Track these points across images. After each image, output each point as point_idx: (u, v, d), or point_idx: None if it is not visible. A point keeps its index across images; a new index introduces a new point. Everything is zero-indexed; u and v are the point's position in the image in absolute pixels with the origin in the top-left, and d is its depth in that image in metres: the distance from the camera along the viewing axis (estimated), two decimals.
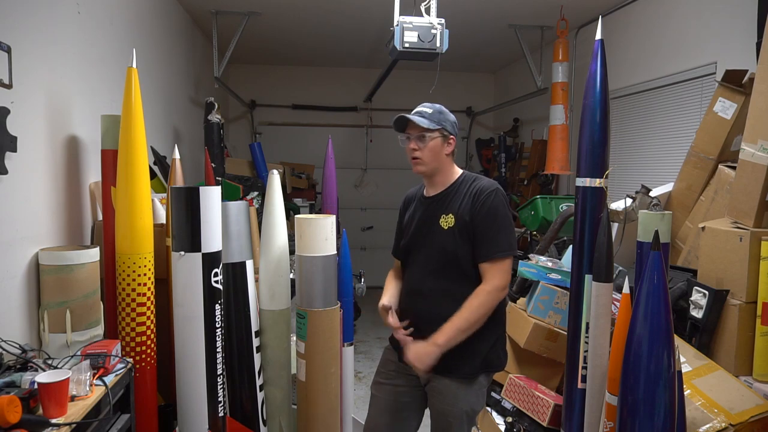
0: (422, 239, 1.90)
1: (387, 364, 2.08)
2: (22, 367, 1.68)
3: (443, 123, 1.87)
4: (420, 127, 1.84)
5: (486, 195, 1.80)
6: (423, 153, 1.86)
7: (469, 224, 1.81)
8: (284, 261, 2.24)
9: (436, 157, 1.87)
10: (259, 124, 6.92)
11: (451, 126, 1.89)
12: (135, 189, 2.04)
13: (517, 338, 2.82)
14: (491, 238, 1.78)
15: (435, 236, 1.86)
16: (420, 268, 1.93)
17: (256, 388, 2.20)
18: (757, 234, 2.15)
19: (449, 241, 1.83)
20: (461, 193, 1.85)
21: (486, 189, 1.82)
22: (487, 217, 1.78)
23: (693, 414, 1.94)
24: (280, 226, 2.23)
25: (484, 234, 1.79)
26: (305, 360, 2.08)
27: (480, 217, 1.79)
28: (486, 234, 1.78)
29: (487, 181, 1.88)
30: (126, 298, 2.03)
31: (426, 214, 1.92)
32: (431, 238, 1.87)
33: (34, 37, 2.05)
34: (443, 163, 1.90)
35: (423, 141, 1.85)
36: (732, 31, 3.09)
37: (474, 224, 1.80)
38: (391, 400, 2.03)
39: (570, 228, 2.58)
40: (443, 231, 1.84)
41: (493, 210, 1.78)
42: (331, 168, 2.87)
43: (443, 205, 1.87)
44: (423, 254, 1.92)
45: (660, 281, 1.59)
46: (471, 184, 1.87)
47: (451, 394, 1.88)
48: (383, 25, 4.43)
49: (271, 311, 2.24)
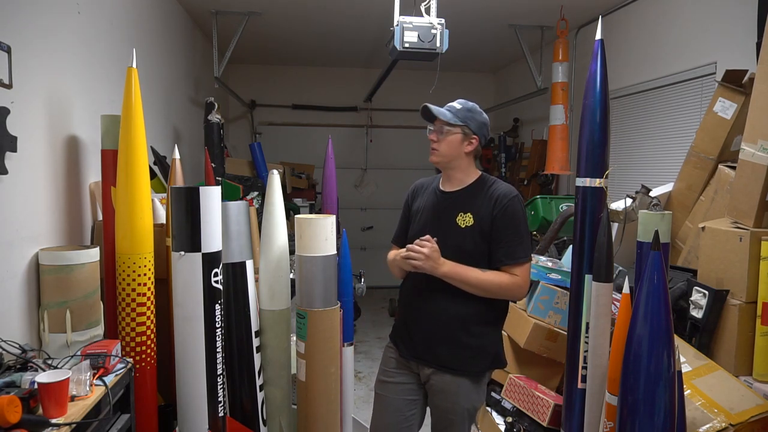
0: (435, 233, 1.88)
1: (388, 362, 2.08)
2: (22, 367, 1.68)
3: (468, 121, 1.88)
4: (441, 119, 1.87)
5: (509, 201, 1.83)
6: (440, 145, 1.88)
7: (489, 227, 1.82)
8: (284, 261, 2.24)
9: (453, 152, 1.88)
10: (259, 124, 6.92)
11: (477, 126, 1.89)
12: (135, 189, 2.04)
13: (517, 338, 2.82)
14: (516, 244, 1.81)
15: (450, 233, 1.86)
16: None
17: (256, 388, 2.20)
18: (757, 234, 2.15)
19: (467, 240, 1.84)
20: (480, 194, 1.87)
21: (508, 195, 1.84)
22: (511, 224, 1.81)
23: (693, 414, 1.94)
24: (280, 226, 2.23)
25: (508, 240, 1.81)
26: (305, 360, 2.08)
27: (502, 223, 1.81)
28: (511, 240, 1.81)
29: (506, 185, 1.90)
30: (126, 298, 2.03)
31: (441, 208, 1.92)
32: (446, 233, 1.87)
33: (34, 37, 2.05)
34: (461, 159, 1.90)
35: (442, 133, 1.88)
36: (732, 31, 3.09)
37: (495, 228, 1.82)
38: (397, 399, 2.03)
39: (570, 228, 2.58)
40: (460, 229, 1.84)
41: (516, 217, 1.82)
42: (331, 168, 2.87)
43: (461, 203, 1.88)
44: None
45: (660, 281, 1.59)
46: (490, 186, 1.88)
47: (453, 392, 1.89)
48: (383, 25, 4.42)
49: (271, 311, 2.24)
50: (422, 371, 1.96)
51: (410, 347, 1.98)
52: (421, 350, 1.94)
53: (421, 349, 1.94)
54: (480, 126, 1.90)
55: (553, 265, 2.92)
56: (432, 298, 1.90)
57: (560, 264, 2.94)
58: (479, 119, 1.90)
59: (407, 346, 2.00)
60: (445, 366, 1.88)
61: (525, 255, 1.82)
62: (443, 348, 1.89)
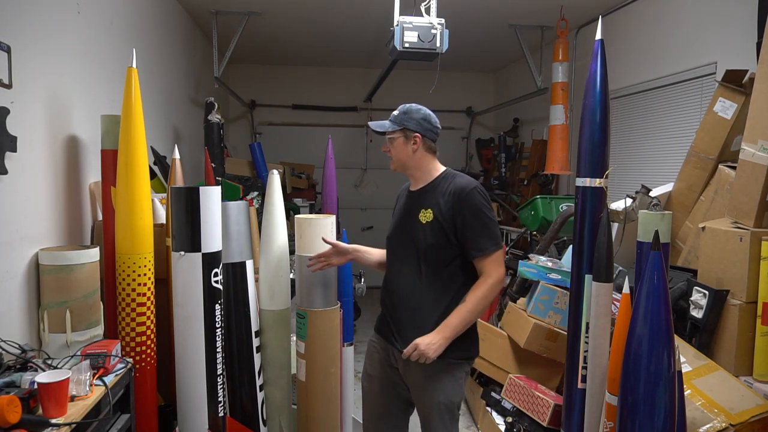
0: (401, 231, 1.96)
1: (372, 355, 2.08)
2: (22, 367, 1.68)
3: (405, 122, 1.92)
4: (384, 131, 1.97)
5: (466, 194, 1.84)
6: (391, 153, 1.98)
7: (450, 221, 1.85)
8: (284, 261, 2.24)
9: (402, 155, 1.95)
10: (259, 124, 6.92)
11: (415, 123, 1.92)
12: (135, 189, 2.04)
13: (517, 338, 2.82)
14: (481, 235, 1.83)
15: (413, 229, 1.91)
16: (398, 259, 1.97)
17: (256, 388, 2.20)
18: (757, 234, 2.15)
19: (427, 235, 1.88)
20: (441, 189, 1.90)
21: (466, 187, 1.86)
22: (472, 216, 1.83)
23: (693, 414, 1.94)
24: (280, 226, 2.23)
25: (473, 232, 1.83)
26: (305, 360, 2.08)
27: (464, 216, 1.84)
28: (476, 231, 1.83)
29: (466, 179, 1.92)
30: (126, 298, 2.03)
31: (407, 208, 1.98)
32: (409, 230, 1.92)
33: (34, 37, 2.05)
34: (414, 159, 1.94)
35: (390, 142, 1.98)
36: (732, 31, 3.08)
37: (458, 223, 1.84)
38: (381, 394, 2.04)
39: (570, 228, 2.58)
40: (422, 225, 1.89)
41: (477, 208, 1.83)
42: (331, 168, 2.87)
43: (423, 200, 1.92)
44: (401, 246, 1.97)
45: (660, 281, 1.59)
46: (450, 181, 1.91)
47: (429, 387, 1.90)
48: (383, 25, 4.42)
49: (271, 311, 2.24)
50: (399, 364, 1.96)
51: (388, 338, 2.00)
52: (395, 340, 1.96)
53: (395, 338, 1.96)
54: (418, 122, 1.92)
55: (553, 265, 2.92)
56: (401, 293, 1.94)
57: (560, 264, 2.94)
58: (416, 116, 1.93)
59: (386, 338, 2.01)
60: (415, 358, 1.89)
61: (493, 245, 1.83)
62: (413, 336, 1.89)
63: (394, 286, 1.97)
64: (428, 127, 1.93)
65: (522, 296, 3.06)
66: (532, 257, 3.08)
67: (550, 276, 2.82)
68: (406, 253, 1.93)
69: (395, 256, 1.99)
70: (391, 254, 2.01)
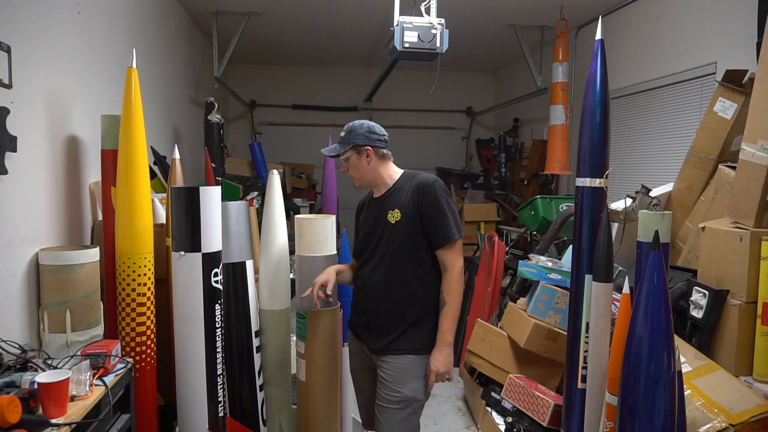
0: (373, 235, 2.01)
1: (352, 349, 2.14)
2: (22, 367, 1.68)
3: (353, 140, 1.99)
4: (336, 155, 2.03)
5: (427, 188, 1.92)
6: (350, 172, 2.03)
7: (416, 216, 1.92)
8: (284, 261, 2.24)
9: (361, 172, 2.01)
10: (259, 124, 6.92)
11: (362, 138, 1.99)
12: (135, 189, 2.04)
13: (517, 338, 2.82)
14: (443, 226, 1.91)
15: (384, 231, 1.97)
16: (372, 263, 2.01)
17: (256, 388, 2.21)
18: (757, 234, 2.15)
19: (398, 233, 1.94)
20: (404, 189, 1.98)
21: (426, 182, 1.94)
22: (433, 208, 1.91)
23: (693, 414, 1.94)
24: (280, 226, 2.23)
25: (435, 223, 1.91)
26: (305, 360, 2.08)
27: (426, 209, 1.92)
28: (437, 223, 1.91)
29: (425, 175, 2.00)
30: (126, 298, 2.03)
31: (375, 213, 2.03)
32: (381, 233, 1.98)
33: (34, 37, 2.05)
34: (372, 172, 2.01)
35: (345, 162, 2.03)
36: (732, 31, 3.09)
37: (422, 216, 1.92)
38: (367, 385, 2.08)
39: (570, 228, 2.58)
40: (391, 225, 1.95)
41: (436, 201, 1.91)
42: (331, 168, 2.88)
43: (390, 203, 1.99)
44: (374, 249, 2.00)
45: (660, 281, 1.59)
46: (411, 180, 1.99)
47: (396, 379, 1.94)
48: (383, 25, 4.43)
49: (271, 311, 2.24)
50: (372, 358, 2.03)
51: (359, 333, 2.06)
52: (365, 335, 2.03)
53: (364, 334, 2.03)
54: (365, 136, 2.00)
55: (553, 265, 2.92)
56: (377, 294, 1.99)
57: (560, 264, 2.94)
58: (360, 132, 2.01)
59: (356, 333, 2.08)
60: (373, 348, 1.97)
61: (455, 233, 1.92)
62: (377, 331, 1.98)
63: (370, 290, 2.00)
64: (375, 137, 2.00)
65: (522, 296, 3.06)
66: (532, 257, 3.08)
67: (550, 276, 2.82)
68: (379, 257, 1.97)
69: (369, 262, 2.02)
70: (365, 261, 2.04)
